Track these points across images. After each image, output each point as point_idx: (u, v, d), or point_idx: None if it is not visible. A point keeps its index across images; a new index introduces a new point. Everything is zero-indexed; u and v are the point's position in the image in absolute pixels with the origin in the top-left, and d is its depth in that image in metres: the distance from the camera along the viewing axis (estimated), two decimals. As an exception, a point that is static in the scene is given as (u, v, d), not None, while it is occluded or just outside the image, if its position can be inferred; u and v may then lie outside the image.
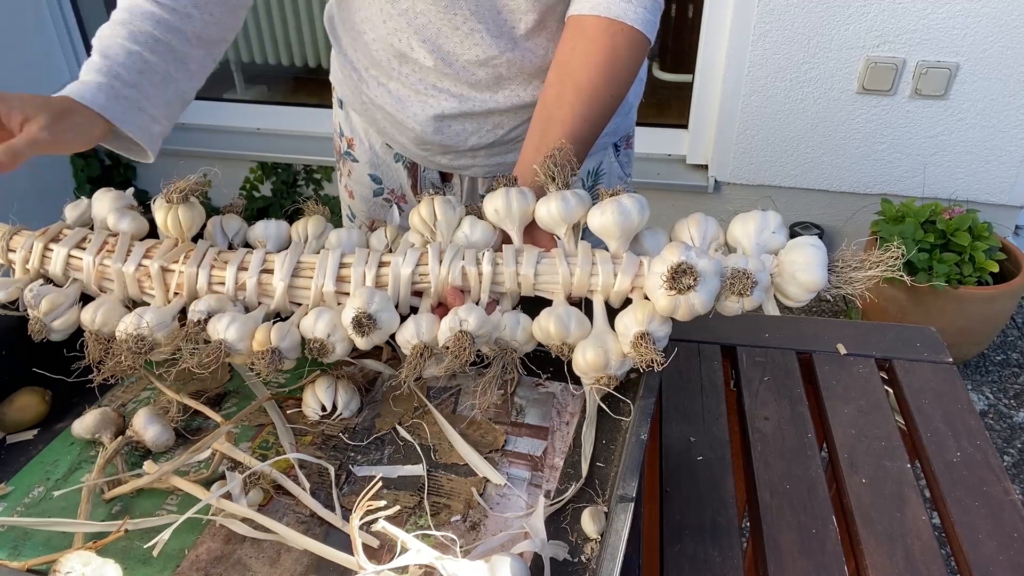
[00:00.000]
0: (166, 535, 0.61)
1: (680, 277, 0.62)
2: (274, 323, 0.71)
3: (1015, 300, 2.07)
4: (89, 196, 0.82)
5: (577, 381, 0.77)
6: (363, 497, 0.53)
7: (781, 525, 0.74)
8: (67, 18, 2.66)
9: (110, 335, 0.72)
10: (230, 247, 0.79)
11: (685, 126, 2.49)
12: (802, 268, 0.66)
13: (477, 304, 0.71)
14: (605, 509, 0.65)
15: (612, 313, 0.70)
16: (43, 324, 0.73)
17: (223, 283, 0.73)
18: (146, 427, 0.72)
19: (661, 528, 0.73)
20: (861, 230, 2.36)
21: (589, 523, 0.64)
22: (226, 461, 0.69)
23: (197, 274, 0.73)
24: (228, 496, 0.64)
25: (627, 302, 0.70)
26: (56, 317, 0.73)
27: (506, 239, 0.75)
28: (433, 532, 0.62)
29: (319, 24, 2.71)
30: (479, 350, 0.70)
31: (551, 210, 0.71)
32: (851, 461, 0.81)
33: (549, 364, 0.84)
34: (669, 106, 2.57)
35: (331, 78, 1.09)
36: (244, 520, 0.64)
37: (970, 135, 2.22)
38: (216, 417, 0.74)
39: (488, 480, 0.69)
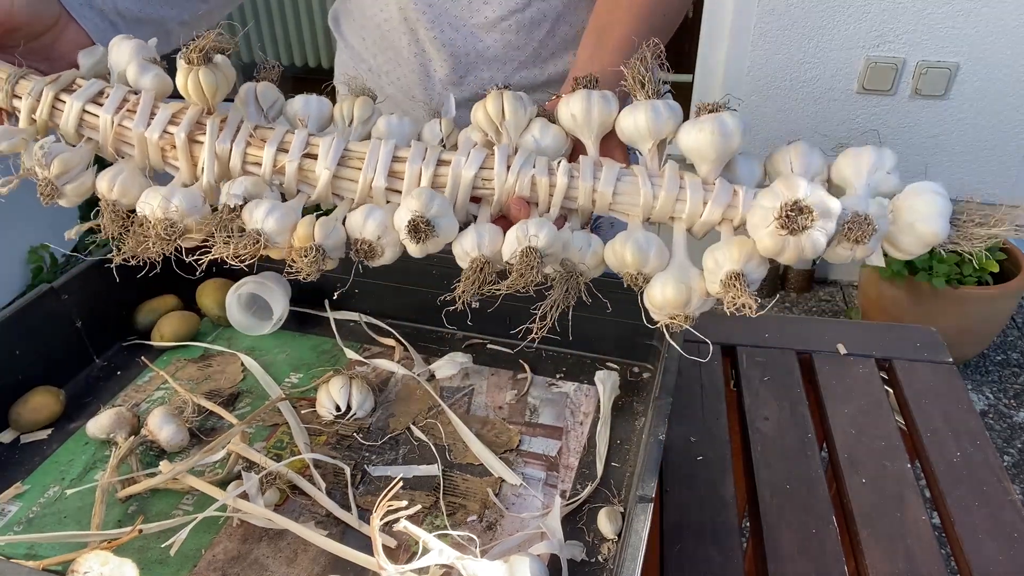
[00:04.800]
0: (183, 534, 0.62)
1: (796, 216, 0.54)
2: (318, 217, 0.64)
3: (1015, 300, 2.09)
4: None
5: (591, 380, 0.77)
6: (384, 497, 0.54)
7: (781, 525, 0.75)
8: None
9: (128, 207, 0.66)
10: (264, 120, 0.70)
11: (686, 125, 2.50)
12: (923, 217, 0.58)
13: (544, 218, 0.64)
14: (621, 509, 0.66)
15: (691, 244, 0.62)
16: (54, 187, 0.65)
17: (259, 164, 0.65)
18: (161, 427, 0.73)
19: (661, 528, 0.74)
20: (860, 229, 2.37)
21: (606, 523, 0.65)
22: (241, 461, 0.70)
23: (231, 151, 0.65)
24: (244, 496, 0.65)
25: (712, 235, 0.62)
26: (68, 181, 0.66)
27: (578, 149, 0.67)
28: (451, 532, 0.63)
29: (319, 24, 2.72)
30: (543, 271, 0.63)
31: (638, 121, 0.62)
32: (851, 461, 0.82)
33: (562, 364, 0.86)
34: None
35: (336, 82, 1.10)
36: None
37: (970, 135, 2.23)
38: (230, 417, 0.76)
39: (503, 480, 0.70)
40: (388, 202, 0.65)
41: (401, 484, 0.67)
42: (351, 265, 0.72)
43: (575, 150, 0.67)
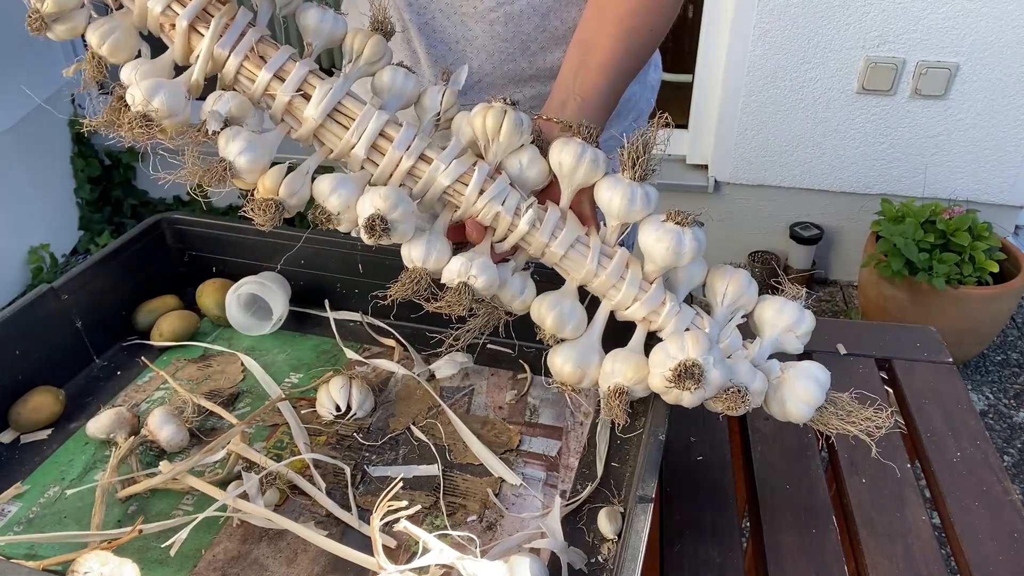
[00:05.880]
0: (183, 534, 0.62)
1: (686, 377, 0.60)
2: (288, 171, 0.65)
3: (1015, 300, 2.09)
4: (89, 196, 0.77)
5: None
6: (384, 497, 0.54)
7: (781, 525, 0.75)
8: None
9: (115, 64, 0.65)
10: (271, 25, 0.69)
11: (685, 126, 2.50)
12: (795, 399, 0.66)
13: (491, 247, 0.67)
14: (621, 509, 0.66)
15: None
16: (44, 22, 0.63)
17: (252, 80, 0.64)
18: (161, 427, 0.73)
19: (661, 528, 0.74)
20: (861, 230, 2.38)
21: (606, 523, 0.65)
22: (241, 461, 0.70)
23: (227, 58, 0.63)
24: (244, 496, 0.65)
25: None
26: (60, 20, 0.64)
27: (554, 186, 0.70)
28: (451, 532, 0.63)
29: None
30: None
31: (613, 200, 0.65)
32: (851, 461, 0.82)
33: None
34: (669, 106, 2.56)
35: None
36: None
37: (970, 135, 2.23)
38: (230, 417, 0.76)
39: (503, 480, 0.71)
40: (362, 168, 0.65)
41: (401, 484, 0.68)
42: (351, 265, 0.72)
43: (551, 186, 0.69)
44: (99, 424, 0.75)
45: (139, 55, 0.67)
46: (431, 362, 0.85)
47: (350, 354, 0.87)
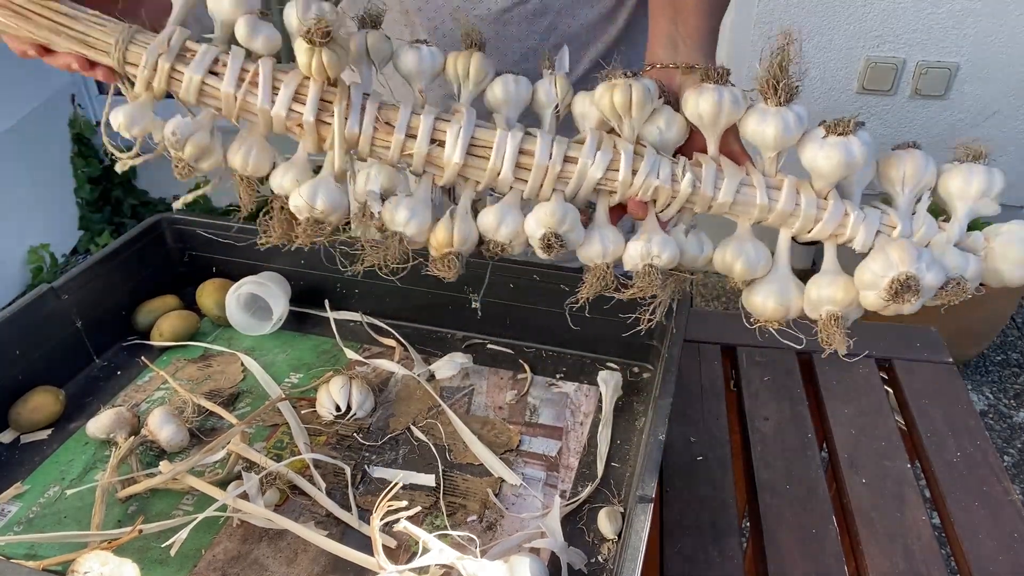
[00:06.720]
0: (183, 534, 0.62)
1: (902, 291, 0.57)
2: (451, 213, 0.67)
3: (1015, 300, 2.09)
4: (89, 196, 0.78)
5: (592, 380, 0.78)
6: (383, 498, 0.54)
7: (781, 525, 0.75)
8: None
9: (258, 177, 0.68)
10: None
11: (686, 125, 2.50)
12: (1011, 266, 0.62)
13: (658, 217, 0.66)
14: (621, 509, 0.66)
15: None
16: (190, 167, 0.66)
17: (387, 147, 0.66)
18: (161, 427, 0.73)
19: (661, 528, 0.74)
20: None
21: (606, 523, 0.65)
22: (241, 461, 0.70)
23: (359, 136, 0.66)
24: (245, 496, 0.65)
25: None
26: (201, 158, 0.67)
27: (694, 137, 0.68)
28: (451, 532, 0.63)
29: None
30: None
31: (766, 132, 0.62)
32: (851, 461, 0.82)
33: (563, 364, 0.86)
34: (670, 105, 2.57)
35: None
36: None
37: (970, 135, 2.23)
38: (230, 417, 0.76)
39: (503, 480, 0.71)
40: (511, 188, 0.67)
41: (401, 484, 0.68)
42: (350, 265, 0.72)
43: (692, 136, 0.67)
44: (99, 424, 0.75)
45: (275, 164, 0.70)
46: (431, 362, 0.85)
47: (350, 354, 0.87)
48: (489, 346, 0.88)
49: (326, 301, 0.93)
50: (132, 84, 0.67)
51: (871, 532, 0.74)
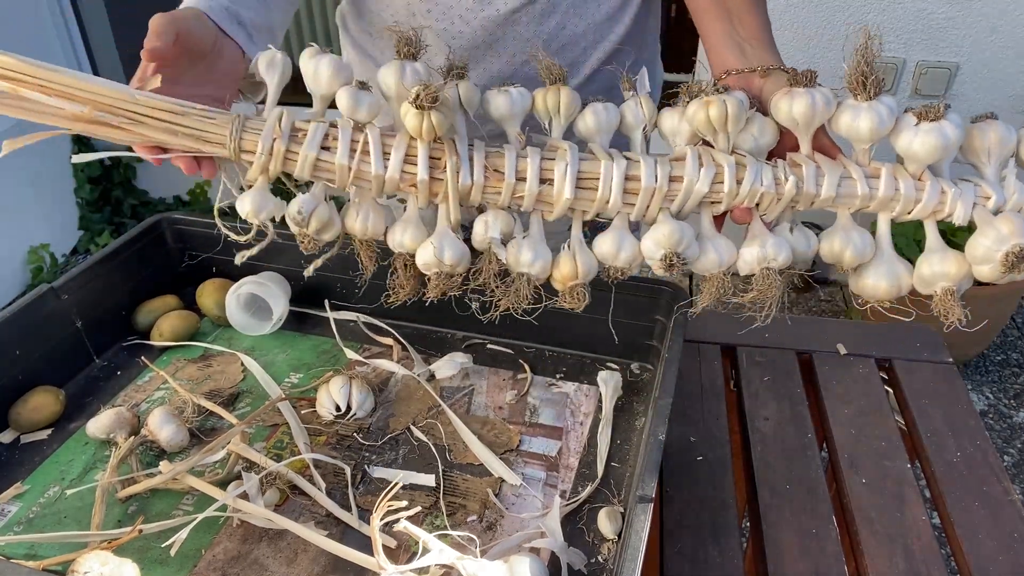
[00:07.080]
0: (183, 534, 0.62)
1: (1018, 262, 0.60)
2: (567, 246, 0.69)
3: (1015, 300, 2.09)
4: (89, 196, 0.78)
5: (592, 380, 0.77)
6: (383, 498, 0.54)
7: (781, 525, 0.75)
8: (67, 19, 2.66)
9: (375, 236, 0.71)
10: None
11: (686, 125, 2.50)
12: None
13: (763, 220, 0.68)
14: (621, 509, 0.67)
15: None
16: (315, 241, 0.69)
17: (498, 193, 0.68)
18: (161, 427, 0.73)
19: (661, 528, 0.74)
20: (861, 229, 2.38)
21: (606, 523, 0.65)
22: (241, 461, 0.70)
23: (472, 186, 0.68)
24: (245, 496, 0.65)
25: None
26: (323, 230, 0.70)
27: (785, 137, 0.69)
28: (451, 532, 0.63)
29: (319, 22, 2.72)
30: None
31: (860, 126, 0.64)
32: (851, 461, 0.82)
33: (562, 364, 0.86)
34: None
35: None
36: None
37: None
38: (230, 417, 0.76)
39: (503, 480, 0.71)
40: (619, 212, 0.69)
41: (401, 484, 0.68)
42: (352, 265, 0.73)
43: (783, 136, 0.69)
44: (99, 424, 0.75)
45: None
46: (431, 362, 0.85)
47: (350, 354, 0.87)
48: (489, 346, 0.88)
49: (326, 301, 0.93)
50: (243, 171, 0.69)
51: (871, 532, 0.74)
